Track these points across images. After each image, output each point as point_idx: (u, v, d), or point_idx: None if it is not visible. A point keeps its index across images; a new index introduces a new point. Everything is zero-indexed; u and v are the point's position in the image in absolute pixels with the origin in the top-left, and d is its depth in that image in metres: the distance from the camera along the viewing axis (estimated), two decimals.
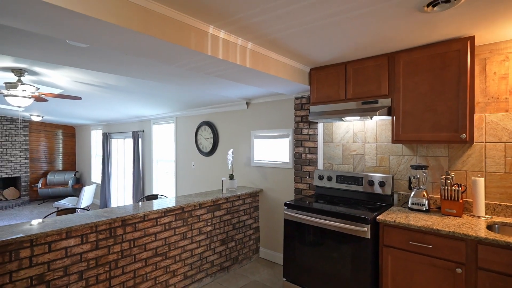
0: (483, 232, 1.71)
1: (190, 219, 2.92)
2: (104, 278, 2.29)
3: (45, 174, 8.47)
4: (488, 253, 1.64)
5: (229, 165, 3.74)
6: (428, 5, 1.50)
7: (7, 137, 7.75)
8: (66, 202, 6.38)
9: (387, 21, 1.73)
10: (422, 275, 1.88)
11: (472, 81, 1.97)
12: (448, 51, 2.02)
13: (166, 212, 2.70)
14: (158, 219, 2.64)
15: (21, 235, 1.87)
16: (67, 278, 2.09)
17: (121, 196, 6.97)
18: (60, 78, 3.37)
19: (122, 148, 6.97)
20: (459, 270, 1.73)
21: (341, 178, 2.78)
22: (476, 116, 2.17)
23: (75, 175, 8.46)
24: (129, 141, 6.69)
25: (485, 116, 2.14)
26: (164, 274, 2.70)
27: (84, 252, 2.18)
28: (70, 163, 9.08)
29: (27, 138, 8.08)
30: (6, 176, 7.74)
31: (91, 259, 2.21)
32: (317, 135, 3.07)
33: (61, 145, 8.91)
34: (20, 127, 8.00)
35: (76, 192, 8.49)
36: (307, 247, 2.43)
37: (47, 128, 8.59)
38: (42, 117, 7.15)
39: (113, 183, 7.17)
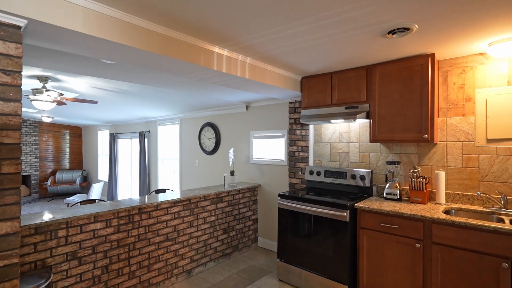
0: (437, 215, 2.11)
1: (196, 210, 3.32)
2: (124, 257, 2.68)
3: (53, 173, 8.87)
4: (439, 231, 2.04)
5: (230, 163, 4.14)
6: (388, 33, 1.89)
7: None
8: (76, 199, 6.78)
9: (360, 43, 2.13)
10: (390, 250, 2.28)
11: (432, 90, 2.37)
12: (414, 65, 2.42)
13: (175, 202, 3.10)
14: (168, 209, 3.04)
15: (59, 217, 2.26)
16: (95, 256, 2.49)
17: (128, 193, 7.36)
18: (79, 84, 3.77)
19: (128, 148, 7.36)
20: (418, 245, 2.13)
21: (329, 173, 3.18)
22: (439, 119, 2.57)
23: (82, 173, 8.85)
24: (136, 141, 7.09)
25: (446, 119, 2.54)
26: (174, 257, 3.09)
27: (108, 235, 2.57)
28: (77, 162, 9.47)
29: (37, 138, 8.47)
30: None
31: (113, 240, 2.61)
32: (308, 135, 3.47)
33: (68, 144, 9.30)
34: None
35: (83, 189, 8.88)
36: (297, 231, 2.83)
37: (55, 128, 8.99)
38: (52, 118, 7.54)
39: (120, 180, 7.57)
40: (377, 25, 1.80)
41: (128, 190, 7.36)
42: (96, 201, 3.36)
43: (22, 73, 3.26)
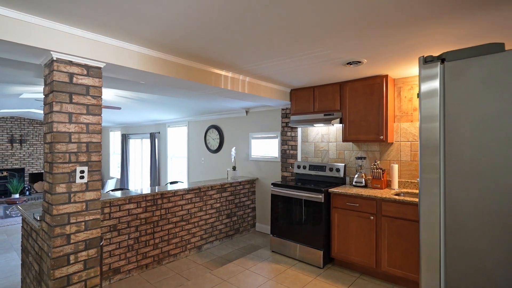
0: (386, 195, 2.86)
1: (205, 197, 4.07)
2: (150, 232, 3.43)
3: None
4: (386, 207, 2.80)
5: (232, 160, 4.89)
6: (347, 64, 2.65)
7: (37, 138, 8.91)
8: None
9: (329, 69, 2.89)
10: (353, 223, 3.03)
11: (387, 102, 3.12)
12: (374, 83, 3.17)
13: (188, 190, 3.85)
14: (183, 195, 3.79)
15: (104, 199, 3.01)
16: (129, 229, 3.24)
17: (139, 187, 8.11)
18: (106, 93, 4.52)
19: (139, 147, 8.12)
20: (372, 218, 2.88)
21: (312, 167, 3.93)
22: (395, 124, 3.33)
23: None
24: (146, 141, 7.84)
25: (400, 124, 3.29)
26: (187, 235, 3.84)
27: (139, 213, 3.32)
28: None
29: None
30: (36, 171, 8.89)
31: (142, 218, 3.36)
32: (297, 136, 4.23)
33: None
34: None
35: None
36: (286, 212, 3.58)
37: None
38: None
39: (131, 176, 8.32)
40: (337, 59, 2.56)
41: (139, 185, 8.11)
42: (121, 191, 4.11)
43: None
